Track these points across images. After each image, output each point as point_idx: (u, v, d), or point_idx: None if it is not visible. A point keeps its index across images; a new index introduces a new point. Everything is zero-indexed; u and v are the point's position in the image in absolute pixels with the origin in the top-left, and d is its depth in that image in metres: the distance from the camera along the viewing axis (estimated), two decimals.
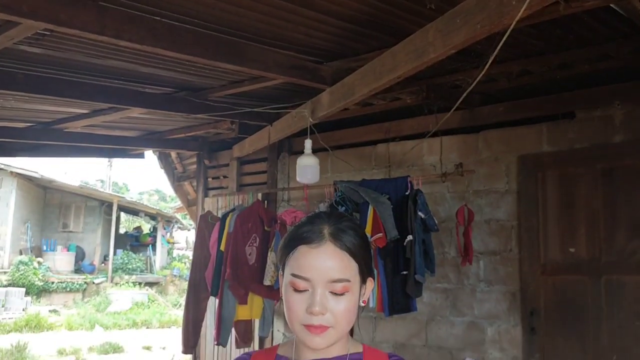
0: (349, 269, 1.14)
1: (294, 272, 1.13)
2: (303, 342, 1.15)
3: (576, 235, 3.71)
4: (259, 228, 4.31)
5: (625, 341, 3.47)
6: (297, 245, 1.15)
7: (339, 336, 1.15)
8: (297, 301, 1.12)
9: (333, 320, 1.12)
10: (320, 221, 1.17)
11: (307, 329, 1.12)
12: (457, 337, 4.15)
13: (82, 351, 10.14)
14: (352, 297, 1.14)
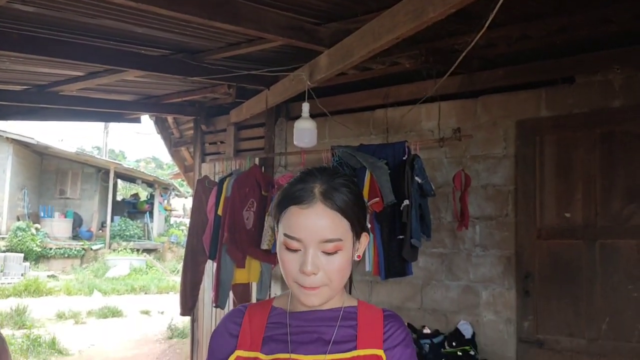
0: (340, 228, 1.14)
1: (286, 232, 1.14)
2: (298, 299, 1.17)
3: (572, 200, 3.73)
4: (256, 192, 4.32)
5: (618, 304, 3.52)
6: (289, 205, 1.15)
7: (333, 293, 1.17)
8: (290, 260, 1.13)
9: (326, 279, 1.13)
10: (312, 179, 1.16)
11: (301, 287, 1.13)
12: (452, 300, 4.20)
13: (81, 315, 10.27)
14: (345, 255, 1.15)
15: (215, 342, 1.24)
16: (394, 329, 1.19)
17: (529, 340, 3.81)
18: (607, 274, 3.58)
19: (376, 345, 1.16)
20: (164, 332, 9.05)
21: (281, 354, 1.15)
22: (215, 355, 1.22)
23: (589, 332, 3.60)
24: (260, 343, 1.18)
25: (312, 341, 1.17)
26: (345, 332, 1.18)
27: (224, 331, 1.23)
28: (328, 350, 1.15)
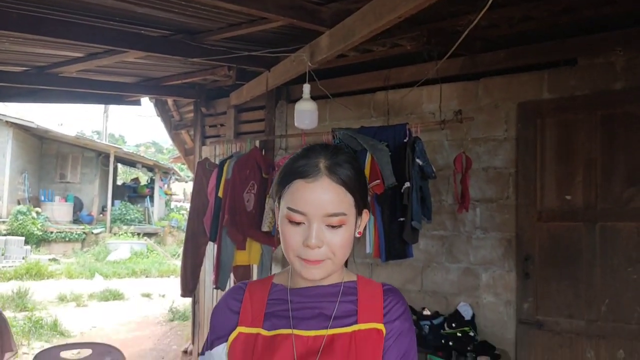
0: (344, 202, 1.14)
1: (290, 206, 1.13)
2: (299, 274, 1.17)
3: (573, 183, 3.73)
4: (256, 175, 4.32)
5: (617, 286, 3.54)
6: (293, 179, 1.15)
7: (335, 268, 1.17)
8: (293, 233, 1.13)
9: (329, 253, 1.13)
10: (316, 154, 1.17)
11: (304, 262, 1.13)
12: (452, 282, 4.22)
13: (83, 298, 10.32)
14: (348, 229, 1.15)
15: (216, 319, 1.24)
16: (393, 303, 1.20)
17: (528, 322, 3.83)
18: (607, 257, 3.59)
19: (376, 319, 1.17)
20: (165, 314, 9.11)
21: (283, 329, 1.16)
22: (217, 332, 1.22)
23: (588, 314, 3.62)
24: (261, 319, 1.19)
25: (313, 317, 1.18)
26: (346, 307, 1.19)
27: (225, 308, 1.23)
28: (329, 325, 1.16)
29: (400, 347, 1.17)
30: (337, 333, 1.15)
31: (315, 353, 1.12)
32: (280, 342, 1.14)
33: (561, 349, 3.70)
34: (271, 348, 1.14)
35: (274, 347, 1.13)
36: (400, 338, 1.17)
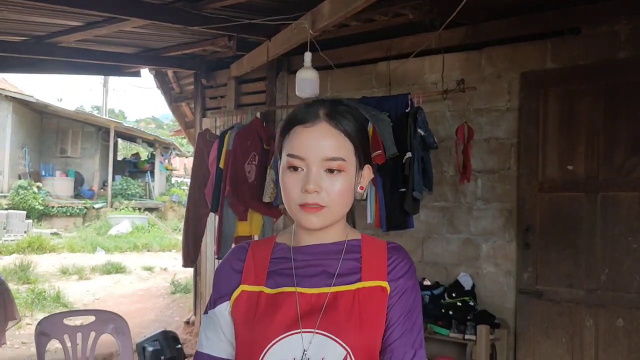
0: (344, 148, 1.13)
1: (289, 152, 1.13)
2: (299, 223, 1.16)
3: (575, 153, 3.72)
4: (257, 146, 4.30)
5: (617, 255, 3.55)
6: (293, 127, 1.15)
7: (334, 217, 1.16)
8: (292, 181, 1.13)
9: (328, 200, 1.12)
10: (317, 104, 1.17)
11: (303, 209, 1.12)
12: (453, 253, 4.24)
13: (85, 271, 10.39)
14: (348, 178, 1.14)
15: (219, 279, 1.24)
16: (398, 261, 1.20)
17: (528, 292, 3.86)
18: (608, 226, 3.60)
19: (380, 277, 1.17)
20: (167, 287, 9.19)
21: (286, 287, 1.15)
22: (220, 291, 1.22)
23: (587, 283, 3.64)
24: (264, 277, 1.18)
25: (316, 274, 1.17)
26: (350, 265, 1.18)
27: (227, 268, 1.23)
28: (333, 282, 1.15)
29: (405, 304, 1.16)
30: (340, 290, 1.14)
31: (318, 310, 1.12)
32: (283, 299, 1.14)
33: (560, 317, 3.73)
34: (275, 305, 1.13)
35: (278, 305, 1.13)
36: (404, 296, 1.17)
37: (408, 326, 1.16)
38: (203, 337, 1.23)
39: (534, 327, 3.83)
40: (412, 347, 1.15)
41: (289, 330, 1.10)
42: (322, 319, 1.11)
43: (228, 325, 1.19)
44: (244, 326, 1.14)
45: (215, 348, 1.20)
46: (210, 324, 1.22)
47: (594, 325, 3.61)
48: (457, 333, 3.77)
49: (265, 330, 1.11)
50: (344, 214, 1.19)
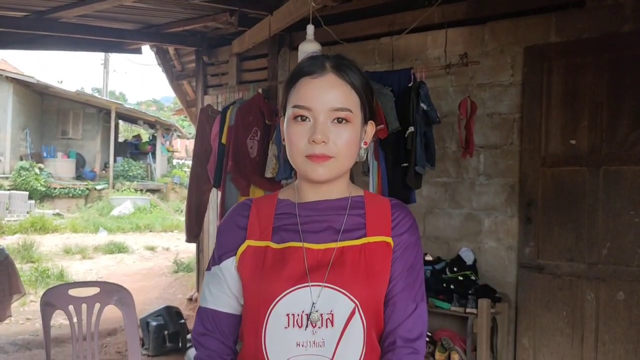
0: (350, 100, 1.14)
1: (296, 104, 1.13)
2: (305, 175, 1.16)
3: (578, 127, 3.71)
4: (260, 121, 4.29)
5: (619, 229, 3.56)
6: (299, 78, 1.15)
7: (340, 169, 1.16)
8: (299, 132, 1.12)
9: (335, 150, 1.12)
10: (322, 57, 1.17)
11: (309, 159, 1.12)
12: (454, 228, 4.25)
13: (88, 250, 10.45)
14: (354, 129, 1.14)
15: (223, 236, 1.24)
16: (401, 217, 1.21)
17: (529, 266, 3.88)
18: (610, 200, 3.60)
19: (385, 233, 1.18)
20: (170, 266, 9.24)
21: (293, 242, 1.16)
22: (224, 247, 1.22)
23: (589, 257, 3.66)
24: (270, 233, 1.19)
25: (322, 230, 1.18)
26: (354, 221, 1.19)
27: (231, 224, 1.23)
28: (339, 238, 1.16)
29: (408, 259, 1.18)
30: (346, 245, 1.15)
31: (325, 265, 1.13)
32: (290, 254, 1.14)
33: (561, 291, 3.75)
34: (282, 260, 1.14)
35: (285, 259, 1.14)
36: (407, 251, 1.19)
37: (410, 280, 1.18)
38: (207, 293, 1.24)
39: (534, 301, 3.85)
40: (413, 301, 1.17)
41: (298, 283, 1.11)
42: (330, 273, 1.12)
43: (234, 280, 1.20)
44: (252, 280, 1.15)
45: (220, 303, 1.21)
46: (215, 280, 1.23)
47: (594, 299, 3.63)
48: (459, 307, 3.80)
49: (274, 283, 1.12)
50: (349, 167, 1.19)
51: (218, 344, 1.20)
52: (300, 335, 1.09)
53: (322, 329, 1.09)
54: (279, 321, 1.10)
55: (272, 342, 1.11)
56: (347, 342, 1.10)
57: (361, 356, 1.11)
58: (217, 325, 1.21)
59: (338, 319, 1.09)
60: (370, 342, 1.12)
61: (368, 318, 1.11)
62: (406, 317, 1.16)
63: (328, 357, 1.09)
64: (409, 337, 1.15)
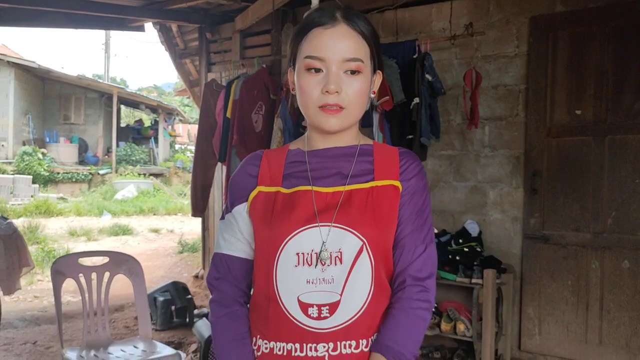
0: (362, 50, 1.15)
1: (309, 54, 1.14)
2: (318, 126, 1.17)
3: (583, 97, 3.71)
4: (264, 96, 4.29)
5: (624, 197, 3.57)
6: (311, 29, 1.15)
7: (352, 119, 1.18)
8: (311, 83, 1.14)
9: (347, 101, 1.13)
10: (331, 8, 1.18)
11: (323, 110, 1.14)
12: (460, 201, 4.26)
13: (93, 233, 10.50)
14: (365, 79, 1.16)
15: (235, 184, 1.26)
16: (409, 163, 1.22)
17: (534, 237, 3.89)
18: (615, 169, 3.61)
19: (393, 177, 1.19)
20: (175, 247, 9.29)
21: (302, 186, 1.18)
22: (236, 194, 1.24)
23: (594, 226, 3.67)
24: (280, 179, 1.21)
25: (331, 175, 1.19)
26: (363, 167, 1.21)
27: (243, 173, 1.25)
28: (347, 182, 1.18)
29: (416, 203, 1.19)
30: (355, 189, 1.17)
31: (334, 207, 1.15)
32: (300, 197, 1.16)
33: (566, 261, 3.77)
34: (292, 203, 1.16)
35: (294, 202, 1.16)
36: (415, 195, 1.20)
37: (419, 223, 1.19)
38: (221, 240, 1.26)
39: (540, 271, 3.87)
40: (422, 242, 1.19)
41: (307, 224, 1.13)
42: (338, 213, 1.14)
43: (246, 224, 1.22)
44: (263, 223, 1.17)
45: (233, 248, 1.23)
46: (228, 226, 1.25)
47: (599, 268, 3.65)
48: (464, 278, 3.82)
49: (284, 225, 1.14)
50: (360, 117, 1.21)
51: (231, 287, 1.22)
52: (310, 273, 1.12)
53: (331, 267, 1.11)
54: (289, 260, 1.13)
55: (282, 281, 1.13)
56: (355, 278, 1.12)
57: (369, 292, 1.13)
58: (230, 270, 1.23)
59: (346, 256, 1.12)
60: (378, 279, 1.14)
61: (376, 256, 1.13)
62: (416, 258, 1.17)
63: (337, 292, 1.11)
64: (419, 276, 1.17)
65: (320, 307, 1.11)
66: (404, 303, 1.15)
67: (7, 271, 3.46)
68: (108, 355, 2.65)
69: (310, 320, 1.11)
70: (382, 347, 1.12)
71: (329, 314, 1.11)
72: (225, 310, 1.21)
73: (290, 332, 1.12)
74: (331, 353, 1.11)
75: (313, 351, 1.11)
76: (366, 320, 1.13)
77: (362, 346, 1.12)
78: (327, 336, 1.11)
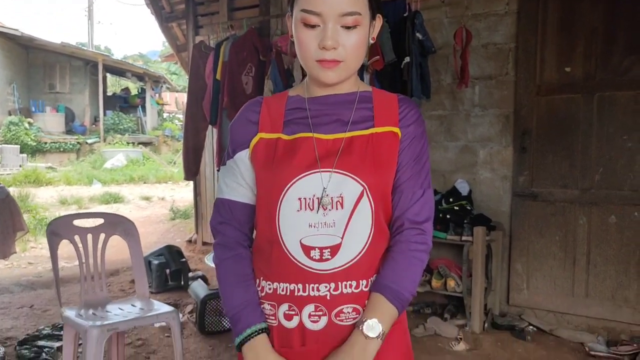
0: (359, 1, 1.13)
1: (305, 8, 1.12)
2: (316, 79, 1.18)
3: (573, 55, 3.72)
4: (254, 57, 4.27)
5: (612, 154, 3.63)
6: None
7: (350, 72, 1.18)
8: (309, 37, 1.13)
9: (344, 54, 1.13)
10: None
11: (320, 64, 1.14)
12: (450, 160, 4.30)
13: (84, 201, 10.48)
14: (363, 31, 1.15)
15: (235, 131, 1.27)
16: (408, 110, 1.23)
17: (523, 194, 3.95)
18: (603, 126, 3.65)
19: (392, 124, 1.21)
20: (167, 214, 9.30)
21: (303, 133, 1.19)
22: (237, 141, 1.25)
23: (582, 183, 3.73)
24: (281, 126, 1.22)
25: (331, 122, 1.21)
26: (363, 113, 1.22)
27: (243, 120, 1.26)
28: (347, 129, 1.19)
29: (414, 149, 1.21)
30: (355, 135, 1.19)
31: (335, 153, 1.16)
32: (301, 143, 1.18)
33: (554, 217, 3.84)
34: (293, 150, 1.18)
35: (296, 149, 1.17)
36: (414, 141, 1.22)
37: (417, 169, 1.22)
38: (223, 185, 1.28)
39: (528, 228, 3.95)
40: (420, 187, 1.22)
41: (308, 170, 1.15)
42: (339, 159, 1.15)
43: (248, 170, 1.23)
44: (264, 169, 1.19)
45: (235, 193, 1.25)
46: (230, 172, 1.26)
47: (587, 223, 3.73)
48: (454, 235, 3.89)
49: (285, 170, 1.16)
50: (358, 67, 1.21)
51: (235, 231, 1.25)
52: (312, 217, 1.14)
53: (333, 211, 1.14)
54: (292, 205, 1.15)
55: (285, 225, 1.16)
56: (356, 222, 1.15)
57: (369, 236, 1.16)
58: (233, 214, 1.25)
59: (347, 201, 1.14)
60: (378, 223, 1.17)
61: (376, 201, 1.16)
62: (414, 202, 1.20)
63: (338, 236, 1.14)
64: (417, 219, 1.20)
65: (322, 250, 1.14)
66: (403, 245, 1.19)
67: (2, 235, 3.47)
68: (106, 313, 2.68)
69: (312, 262, 1.14)
70: (382, 287, 1.16)
71: (330, 256, 1.14)
72: (229, 253, 1.23)
73: (293, 274, 1.15)
74: (332, 292, 1.14)
75: (315, 291, 1.14)
76: (366, 261, 1.16)
77: (362, 286, 1.16)
78: (329, 277, 1.14)
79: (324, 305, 1.14)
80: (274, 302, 1.18)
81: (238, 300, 1.19)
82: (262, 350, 1.15)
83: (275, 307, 1.18)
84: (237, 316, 1.18)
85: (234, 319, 1.18)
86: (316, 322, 1.15)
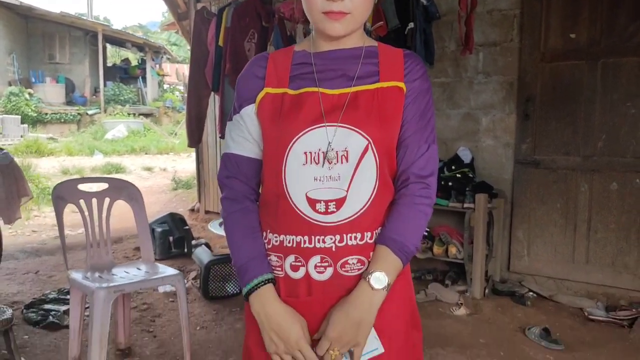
0: None
1: None
2: (322, 31, 1.18)
3: (578, 21, 3.69)
4: (256, 24, 4.23)
5: (615, 121, 3.62)
6: None
7: (356, 25, 1.18)
8: None
9: (351, 6, 1.13)
10: None
11: (327, 16, 1.14)
12: (452, 128, 4.30)
13: (85, 171, 10.50)
14: None
15: (242, 86, 1.27)
16: (413, 65, 1.23)
17: (525, 162, 3.96)
18: (607, 93, 3.64)
19: (397, 79, 1.21)
20: (169, 184, 9.33)
21: (309, 87, 1.20)
22: (244, 96, 1.26)
23: (584, 150, 3.74)
24: (287, 81, 1.22)
25: (337, 77, 1.21)
26: (368, 69, 1.22)
27: (250, 74, 1.26)
28: (353, 84, 1.20)
29: (420, 104, 1.22)
30: (360, 90, 1.19)
31: (340, 108, 1.17)
32: (306, 98, 1.18)
33: (556, 184, 3.85)
34: (299, 104, 1.18)
35: (301, 103, 1.18)
36: (419, 96, 1.22)
37: (422, 124, 1.23)
38: (229, 140, 1.29)
39: (530, 195, 3.96)
40: (425, 142, 1.23)
41: (314, 124, 1.16)
42: (344, 114, 1.16)
43: (254, 125, 1.24)
44: (271, 123, 1.20)
45: (242, 148, 1.26)
46: (236, 127, 1.27)
47: (588, 190, 3.74)
48: (456, 202, 3.91)
49: (291, 125, 1.17)
50: (365, 20, 1.21)
51: (242, 185, 1.26)
52: (318, 171, 1.15)
53: (338, 165, 1.15)
54: (297, 159, 1.16)
55: (291, 178, 1.17)
56: (361, 176, 1.16)
57: (374, 189, 1.18)
58: (239, 168, 1.26)
59: (352, 155, 1.15)
60: (382, 177, 1.18)
61: (380, 155, 1.17)
62: (419, 157, 1.21)
63: (343, 189, 1.15)
64: (422, 174, 1.21)
65: (327, 203, 1.15)
66: (408, 199, 1.20)
67: (7, 200, 3.48)
68: (112, 276, 2.72)
69: (317, 214, 1.16)
70: (387, 239, 1.17)
71: (335, 209, 1.15)
72: (237, 206, 1.25)
73: (299, 226, 1.17)
74: (338, 244, 1.16)
75: (321, 243, 1.16)
76: (370, 214, 1.18)
77: (366, 238, 1.18)
78: (334, 229, 1.16)
79: (329, 256, 1.16)
80: (280, 254, 1.20)
81: (246, 251, 1.21)
82: (268, 300, 1.17)
83: (282, 258, 1.20)
84: (245, 267, 1.20)
85: (242, 269, 1.20)
86: (322, 272, 1.17)
